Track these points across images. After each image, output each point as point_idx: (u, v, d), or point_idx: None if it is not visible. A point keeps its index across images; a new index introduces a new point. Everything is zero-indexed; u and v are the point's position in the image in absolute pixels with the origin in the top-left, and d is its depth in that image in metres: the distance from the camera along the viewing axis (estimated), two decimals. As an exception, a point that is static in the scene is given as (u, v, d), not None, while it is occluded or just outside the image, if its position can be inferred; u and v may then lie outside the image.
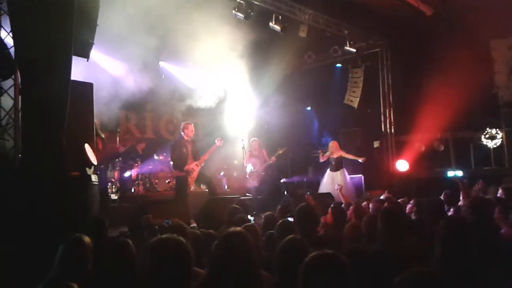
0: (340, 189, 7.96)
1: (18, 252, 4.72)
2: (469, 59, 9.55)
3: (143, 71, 10.47)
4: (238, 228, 3.03)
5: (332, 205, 5.51)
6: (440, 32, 10.26)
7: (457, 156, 11.38)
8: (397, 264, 2.85)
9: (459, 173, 10.74)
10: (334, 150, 10.43)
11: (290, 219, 4.75)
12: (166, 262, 2.44)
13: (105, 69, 9.89)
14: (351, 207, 5.67)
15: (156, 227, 5.26)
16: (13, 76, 5.95)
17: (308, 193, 8.58)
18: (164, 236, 2.61)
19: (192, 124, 9.02)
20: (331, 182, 10.16)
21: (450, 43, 9.78)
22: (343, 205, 5.88)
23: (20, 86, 5.82)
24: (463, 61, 9.44)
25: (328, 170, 10.50)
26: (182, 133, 8.85)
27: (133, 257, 3.13)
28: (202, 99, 11.71)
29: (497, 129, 11.09)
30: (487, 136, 11.16)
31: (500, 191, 5.88)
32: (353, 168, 11.29)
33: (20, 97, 5.87)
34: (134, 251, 3.18)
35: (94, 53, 8.31)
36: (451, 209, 5.36)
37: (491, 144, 11.14)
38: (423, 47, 10.81)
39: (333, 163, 10.40)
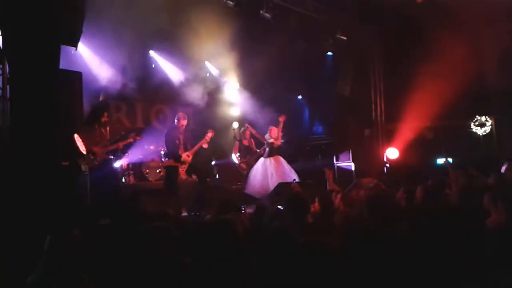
0: (330, 176, 7.97)
1: (8, 243, 4.70)
2: (459, 47, 9.57)
3: (133, 60, 10.40)
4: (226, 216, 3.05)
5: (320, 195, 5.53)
6: (430, 19, 10.25)
7: (447, 144, 11.44)
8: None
9: (450, 160, 10.83)
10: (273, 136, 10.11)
11: (280, 207, 4.78)
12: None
13: (94, 58, 9.79)
14: (338, 196, 5.68)
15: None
16: (0, 66, 5.89)
17: (294, 180, 8.61)
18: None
19: (186, 115, 9.03)
20: (263, 169, 9.92)
21: (440, 31, 9.78)
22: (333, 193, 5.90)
23: (8, 76, 5.76)
24: (453, 49, 9.47)
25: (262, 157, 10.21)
26: (176, 123, 8.84)
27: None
28: (192, 89, 11.70)
29: (487, 117, 11.17)
30: (476, 123, 11.24)
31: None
32: (344, 155, 11.33)
33: (8, 86, 5.81)
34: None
35: (83, 41, 8.25)
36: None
37: (480, 131, 11.22)
38: (413, 35, 10.80)
39: (268, 149, 10.13)
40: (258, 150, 10.55)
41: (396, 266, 2.56)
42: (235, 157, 10.58)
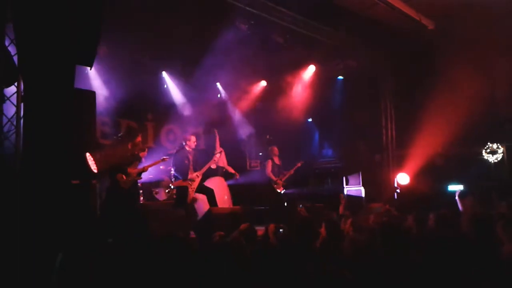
0: (343, 201, 7.95)
1: (17, 260, 4.70)
2: (471, 74, 9.56)
3: (146, 80, 10.53)
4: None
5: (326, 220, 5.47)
6: (441, 46, 10.28)
7: (458, 171, 11.34)
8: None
9: (460, 187, 10.72)
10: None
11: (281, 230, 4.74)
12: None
13: (107, 78, 9.91)
14: (348, 220, 5.63)
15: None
16: (15, 84, 5.97)
17: (301, 205, 8.57)
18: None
19: (195, 136, 9.06)
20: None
21: (452, 58, 9.79)
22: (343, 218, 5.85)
23: (23, 94, 5.83)
24: (465, 76, 9.45)
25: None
26: (184, 144, 8.87)
27: None
28: (203, 109, 11.82)
29: (498, 144, 11.08)
30: (488, 151, 11.15)
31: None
32: (354, 180, 11.26)
33: (22, 104, 5.88)
34: None
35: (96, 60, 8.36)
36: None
37: (492, 159, 11.12)
38: (424, 61, 10.82)
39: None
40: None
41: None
42: (271, 175, 10.53)
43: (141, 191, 10.29)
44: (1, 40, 5.57)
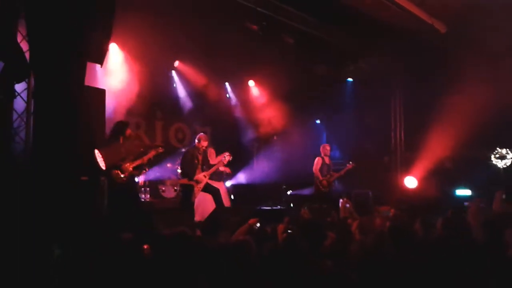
0: (343, 204, 7.93)
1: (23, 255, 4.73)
2: (481, 78, 9.51)
3: (155, 79, 10.56)
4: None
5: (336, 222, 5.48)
6: (453, 49, 10.23)
7: (466, 175, 11.28)
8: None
9: (468, 192, 10.67)
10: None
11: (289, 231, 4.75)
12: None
13: (116, 76, 9.94)
14: (354, 223, 5.61)
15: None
16: (26, 80, 6.01)
17: (305, 207, 8.53)
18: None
19: (207, 136, 9.06)
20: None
21: (463, 61, 9.74)
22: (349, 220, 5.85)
23: (33, 90, 5.87)
24: (475, 79, 9.40)
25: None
26: (196, 143, 8.85)
27: None
28: (212, 109, 11.85)
29: (507, 149, 11.01)
30: (497, 155, 11.08)
31: None
32: (362, 183, 11.22)
33: (33, 100, 5.92)
34: None
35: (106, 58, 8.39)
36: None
37: (501, 164, 11.05)
38: (435, 65, 10.78)
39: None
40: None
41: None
42: (318, 173, 10.47)
43: (148, 189, 10.36)
44: (13, 36, 5.61)
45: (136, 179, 10.04)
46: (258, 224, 5.23)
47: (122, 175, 7.41)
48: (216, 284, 2.78)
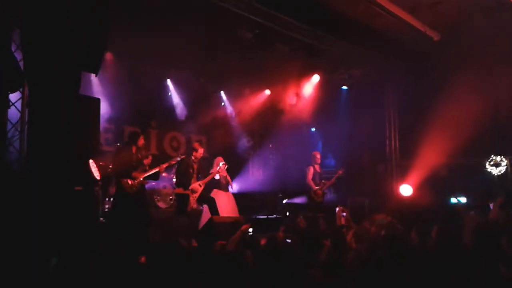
0: (339, 213, 7.92)
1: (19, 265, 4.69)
2: (476, 85, 9.55)
3: (150, 87, 10.56)
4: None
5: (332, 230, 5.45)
6: (446, 57, 10.28)
7: (461, 183, 11.30)
8: None
9: (463, 200, 10.67)
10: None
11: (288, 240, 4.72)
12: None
13: (111, 85, 9.93)
14: (350, 232, 5.59)
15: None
16: (20, 89, 6.00)
17: (301, 216, 8.51)
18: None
19: (203, 145, 9.05)
20: (227, 202, 9.46)
21: (457, 69, 9.79)
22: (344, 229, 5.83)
23: (28, 99, 5.86)
24: (470, 87, 9.44)
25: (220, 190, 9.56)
26: (193, 152, 8.84)
27: None
28: (206, 117, 11.84)
29: (502, 157, 11.04)
30: (491, 163, 11.10)
31: None
32: (357, 191, 11.23)
33: (27, 110, 5.91)
34: None
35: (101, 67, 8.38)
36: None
37: (495, 171, 11.07)
38: (429, 72, 10.83)
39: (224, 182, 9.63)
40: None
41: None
42: (312, 183, 10.43)
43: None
44: (7, 45, 5.61)
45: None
46: (250, 230, 5.20)
47: (131, 184, 7.44)
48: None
